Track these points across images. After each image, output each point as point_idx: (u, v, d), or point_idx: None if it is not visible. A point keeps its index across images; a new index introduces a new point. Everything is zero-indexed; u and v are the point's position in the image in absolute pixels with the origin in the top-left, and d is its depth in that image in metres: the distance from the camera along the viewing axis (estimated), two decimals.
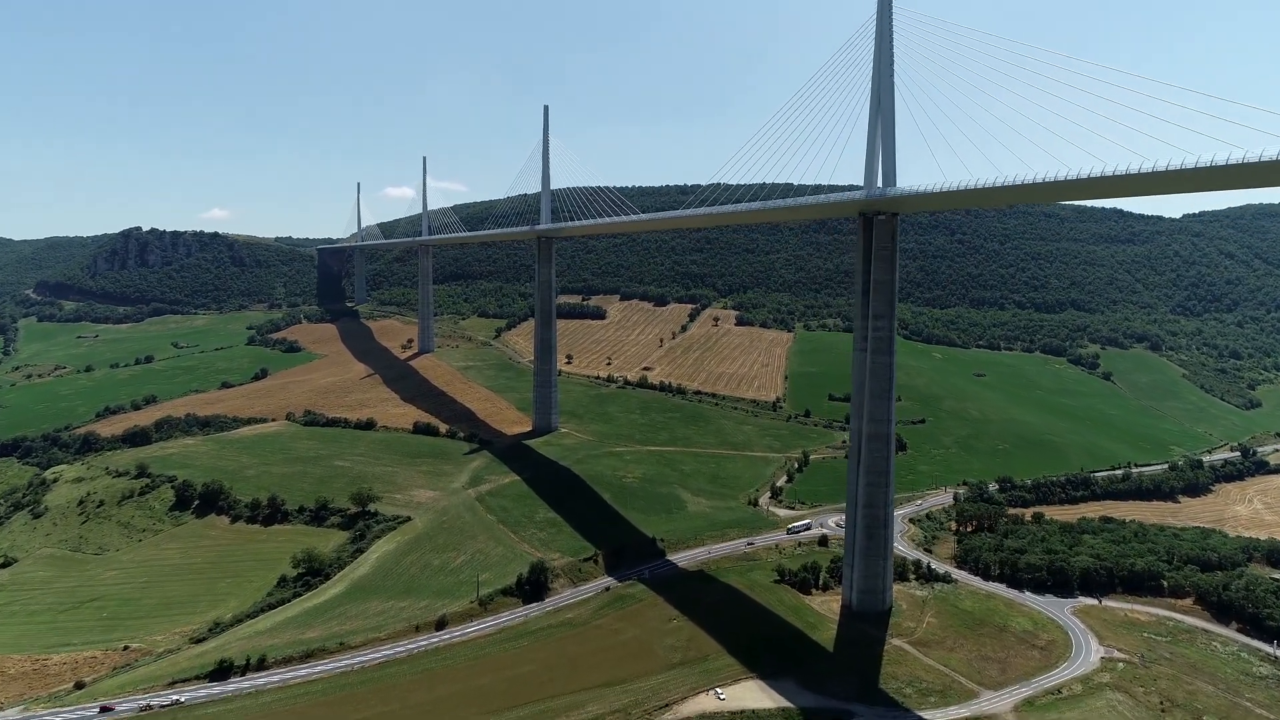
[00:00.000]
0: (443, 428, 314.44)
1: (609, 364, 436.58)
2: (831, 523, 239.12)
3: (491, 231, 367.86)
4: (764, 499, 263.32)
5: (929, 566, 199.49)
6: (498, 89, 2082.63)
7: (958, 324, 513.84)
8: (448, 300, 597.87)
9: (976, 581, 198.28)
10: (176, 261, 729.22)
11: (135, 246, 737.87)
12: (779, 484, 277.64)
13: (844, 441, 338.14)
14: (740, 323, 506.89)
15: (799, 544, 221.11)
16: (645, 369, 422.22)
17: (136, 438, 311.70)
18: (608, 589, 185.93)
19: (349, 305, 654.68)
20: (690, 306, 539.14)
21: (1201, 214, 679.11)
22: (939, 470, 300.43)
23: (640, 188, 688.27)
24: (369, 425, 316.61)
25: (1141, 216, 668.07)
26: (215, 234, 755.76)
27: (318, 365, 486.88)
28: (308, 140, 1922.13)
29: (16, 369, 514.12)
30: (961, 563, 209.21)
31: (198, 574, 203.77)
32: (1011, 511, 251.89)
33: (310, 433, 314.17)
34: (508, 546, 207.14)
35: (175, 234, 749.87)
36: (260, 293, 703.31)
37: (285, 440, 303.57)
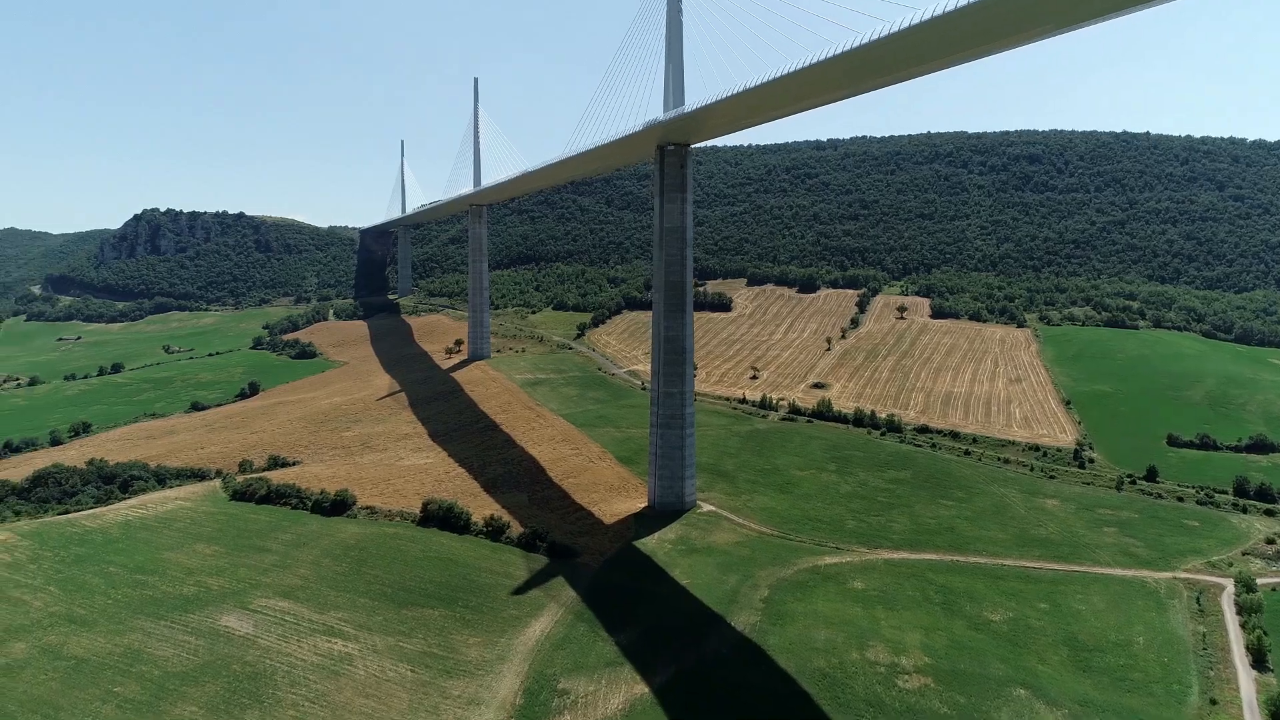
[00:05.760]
0: (479, 513, 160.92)
1: (754, 377, 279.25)
2: None
3: (575, 152, 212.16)
4: None
5: None
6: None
7: (1275, 313, 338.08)
8: (513, 288, 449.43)
9: None
10: (193, 247, 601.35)
11: (146, 231, 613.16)
12: (1246, 689, 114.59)
13: (1270, 540, 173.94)
14: (937, 314, 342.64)
15: None
16: (816, 386, 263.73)
17: None
18: None
19: (390, 298, 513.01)
20: (853, 293, 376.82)
21: None
22: None
23: (764, 146, 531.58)
24: (340, 507, 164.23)
25: None
26: (241, 214, 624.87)
27: (330, 377, 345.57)
28: (362, 134, 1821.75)
29: None
30: None
31: None
32: None
33: (230, 518, 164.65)
34: None
35: (194, 215, 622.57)
36: (289, 284, 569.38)
37: (172, 541, 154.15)
